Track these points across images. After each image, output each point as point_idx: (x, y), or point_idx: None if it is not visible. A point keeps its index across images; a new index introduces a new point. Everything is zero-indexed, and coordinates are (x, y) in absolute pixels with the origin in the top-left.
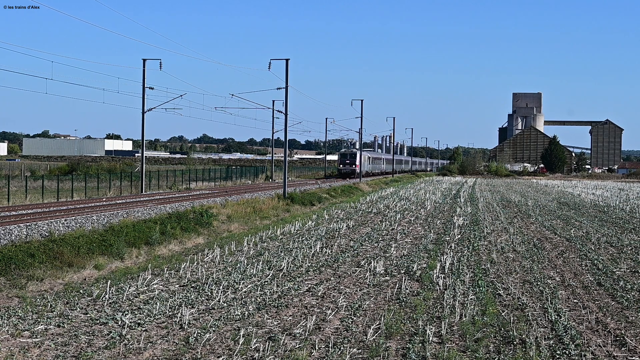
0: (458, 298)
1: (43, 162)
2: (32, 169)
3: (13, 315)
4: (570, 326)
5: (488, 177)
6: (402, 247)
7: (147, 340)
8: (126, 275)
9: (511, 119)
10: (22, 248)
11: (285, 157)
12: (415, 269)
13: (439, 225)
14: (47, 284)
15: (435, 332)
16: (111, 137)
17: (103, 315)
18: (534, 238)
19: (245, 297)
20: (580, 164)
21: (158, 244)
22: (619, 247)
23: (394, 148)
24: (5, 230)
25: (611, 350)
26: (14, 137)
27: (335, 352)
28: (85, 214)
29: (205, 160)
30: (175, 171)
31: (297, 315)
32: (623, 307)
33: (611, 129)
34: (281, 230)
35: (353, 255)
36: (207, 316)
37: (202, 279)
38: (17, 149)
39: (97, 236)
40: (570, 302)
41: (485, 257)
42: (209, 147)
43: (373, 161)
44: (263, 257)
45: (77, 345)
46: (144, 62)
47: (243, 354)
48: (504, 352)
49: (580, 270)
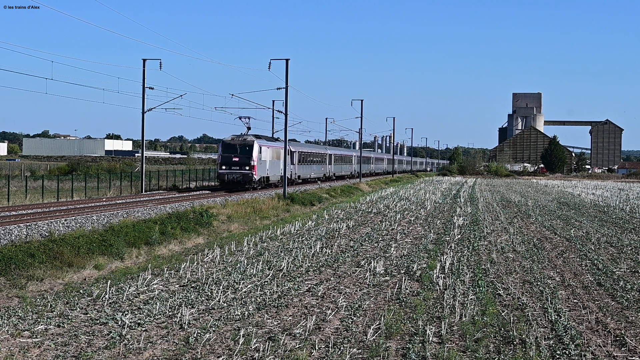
0: (458, 298)
1: (43, 162)
2: (32, 169)
3: (13, 315)
4: (570, 326)
5: (488, 177)
6: (402, 247)
7: (147, 340)
8: (126, 275)
9: (511, 119)
10: (22, 248)
11: (285, 157)
12: (415, 269)
13: (439, 225)
14: (47, 284)
15: (435, 332)
16: (111, 137)
17: (103, 315)
18: (534, 238)
19: (245, 297)
20: (580, 164)
21: (158, 244)
22: (619, 247)
23: (393, 148)
24: (5, 230)
25: (611, 350)
26: (14, 137)
27: (335, 352)
28: (85, 214)
29: (205, 160)
30: (175, 171)
31: (297, 315)
32: (623, 307)
33: (611, 129)
34: (281, 230)
35: (353, 255)
36: (207, 316)
37: (202, 279)
38: (17, 149)
39: (97, 236)
40: (570, 302)
41: (485, 257)
42: (209, 147)
43: (304, 160)
44: (263, 257)
45: (77, 345)
46: (144, 62)
47: (243, 354)
48: (504, 352)
49: (580, 270)
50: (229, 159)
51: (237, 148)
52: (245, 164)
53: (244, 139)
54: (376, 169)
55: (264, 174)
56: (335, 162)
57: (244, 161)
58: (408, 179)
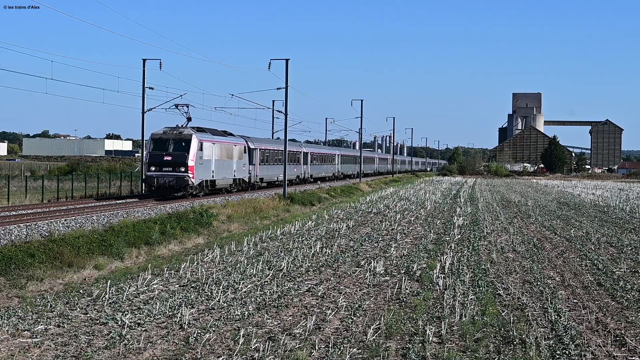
0: (458, 298)
1: (43, 162)
2: (32, 169)
3: (13, 315)
4: (570, 326)
5: (488, 177)
6: (402, 247)
7: (147, 340)
8: (126, 275)
9: (511, 119)
10: (22, 248)
11: (285, 157)
12: (415, 269)
13: (439, 225)
14: (47, 284)
15: (435, 332)
16: (111, 137)
17: (103, 315)
18: (534, 238)
19: (245, 297)
20: (580, 164)
21: (158, 244)
22: (619, 247)
23: (393, 148)
24: (5, 230)
25: (611, 350)
26: (14, 137)
27: (335, 352)
28: (85, 214)
29: None
30: None
31: (297, 315)
32: (623, 307)
33: (611, 129)
34: (281, 230)
35: (353, 255)
36: (207, 316)
37: (202, 279)
38: (17, 149)
39: (97, 236)
40: (570, 302)
41: (485, 257)
42: None
43: (268, 159)
44: (263, 257)
45: (77, 345)
46: (144, 62)
47: (243, 354)
48: (504, 352)
49: (580, 270)
50: (160, 157)
51: (170, 144)
52: (179, 163)
53: (179, 132)
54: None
55: (207, 177)
56: (313, 161)
57: (178, 160)
58: (408, 179)
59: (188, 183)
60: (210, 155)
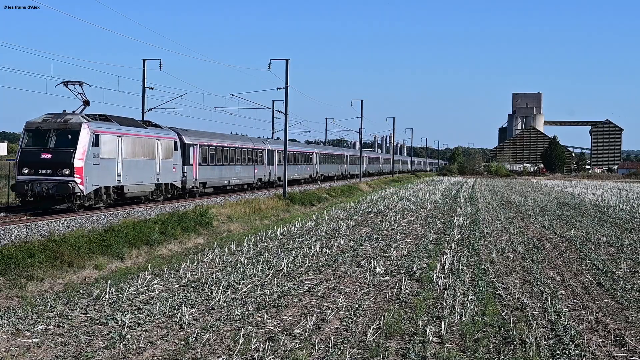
0: (458, 298)
1: None
2: None
3: (13, 315)
4: (570, 326)
5: (488, 177)
6: (402, 247)
7: (147, 340)
8: (126, 275)
9: (511, 119)
10: (22, 248)
11: (285, 157)
12: (415, 269)
13: (439, 225)
14: (47, 284)
15: (435, 332)
16: None
17: (103, 315)
18: (533, 238)
19: (245, 297)
20: (580, 164)
21: (158, 244)
22: (619, 247)
23: (393, 148)
24: (5, 230)
25: (611, 350)
26: (14, 137)
27: (335, 352)
28: (85, 214)
29: None
30: None
31: (297, 315)
32: (623, 307)
33: (611, 129)
34: (281, 230)
35: (353, 255)
36: (207, 316)
37: (202, 279)
38: (17, 149)
39: (97, 236)
40: (570, 302)
41: (485, 257)
42: None
43: (213, 158)
44: (263, 257)
45: (77, 345)
46: (144, 62)
47: (243, 354)
48: (504, 352)
49: (580, 270)
50: (35, 155)
51: (52, 136)
52: (61, 164)
53: (65, 121)
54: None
55: (108, 182)
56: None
57: (59, 159)
58: (408, 179)
59: (74, 191)
60: (113, 153)
